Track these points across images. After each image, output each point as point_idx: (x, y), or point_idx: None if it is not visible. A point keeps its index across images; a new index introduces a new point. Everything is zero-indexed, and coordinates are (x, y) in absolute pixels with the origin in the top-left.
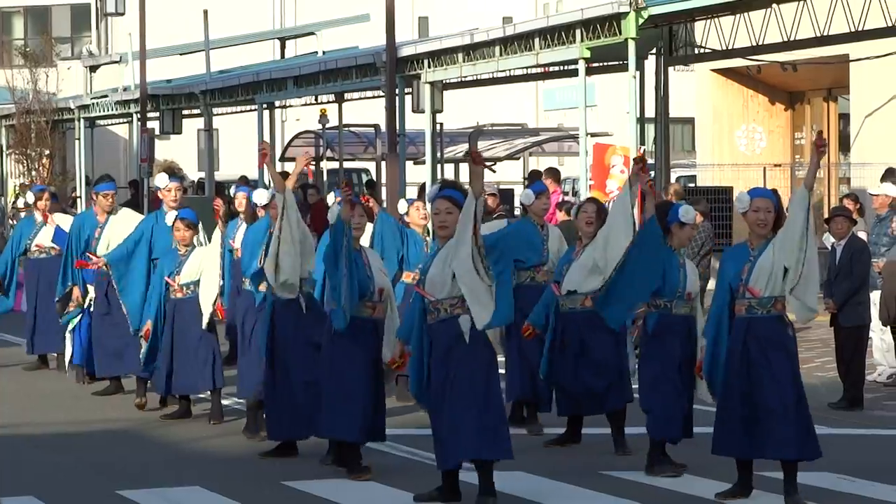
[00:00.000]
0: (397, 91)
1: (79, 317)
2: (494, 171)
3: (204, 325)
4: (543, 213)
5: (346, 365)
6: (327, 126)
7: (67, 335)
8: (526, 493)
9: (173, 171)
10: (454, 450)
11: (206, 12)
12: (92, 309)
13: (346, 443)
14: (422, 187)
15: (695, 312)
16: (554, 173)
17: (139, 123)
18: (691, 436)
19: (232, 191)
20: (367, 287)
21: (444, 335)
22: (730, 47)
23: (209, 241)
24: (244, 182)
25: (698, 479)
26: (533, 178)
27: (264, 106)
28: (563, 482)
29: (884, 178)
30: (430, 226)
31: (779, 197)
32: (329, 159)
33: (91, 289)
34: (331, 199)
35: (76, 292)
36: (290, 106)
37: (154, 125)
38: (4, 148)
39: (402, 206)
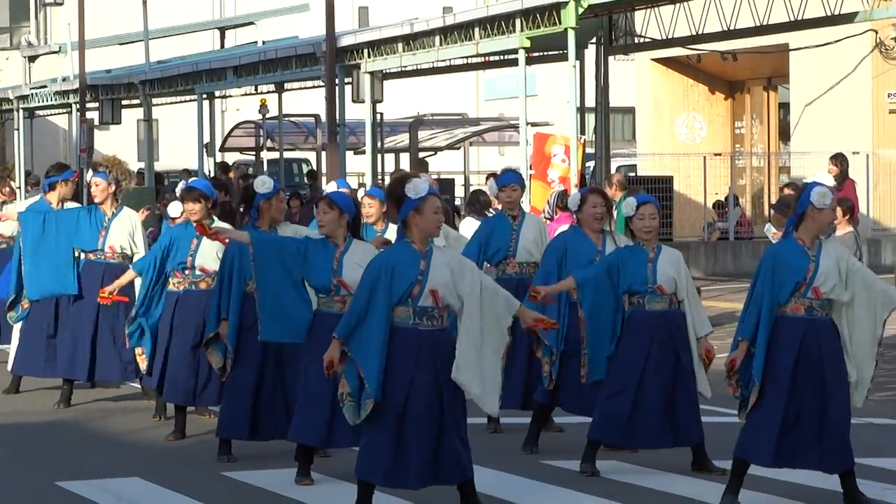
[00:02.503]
0: (337, 81)
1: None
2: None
3: None
4: (510, 206)
5: (317, 363)
6: (267, 116)
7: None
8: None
9: (96, 167)
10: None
11: (145, 2)
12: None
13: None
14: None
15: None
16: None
17: (78, 114)
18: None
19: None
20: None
21: (446, 343)
22: (670, 36)
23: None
24: (186, 175)
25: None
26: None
27: (204, 96)
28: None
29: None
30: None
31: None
32: (269, 149)
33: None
34: (332, 187)
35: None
36: (230, 96)
37: (94, 115)
38: None
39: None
